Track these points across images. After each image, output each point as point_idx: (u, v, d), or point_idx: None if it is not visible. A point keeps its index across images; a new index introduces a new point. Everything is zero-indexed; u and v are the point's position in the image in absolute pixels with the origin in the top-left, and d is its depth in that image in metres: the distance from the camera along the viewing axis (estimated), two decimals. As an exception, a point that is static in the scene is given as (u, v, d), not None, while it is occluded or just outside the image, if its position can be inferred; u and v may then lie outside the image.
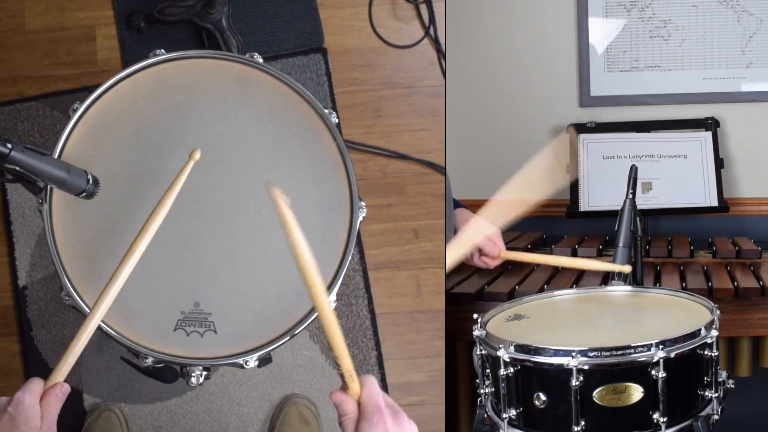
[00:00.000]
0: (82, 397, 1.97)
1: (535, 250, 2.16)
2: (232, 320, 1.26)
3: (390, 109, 2.14)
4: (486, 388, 1.36)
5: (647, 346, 1.19)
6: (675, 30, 2.40)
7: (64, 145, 1.28)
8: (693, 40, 2.39)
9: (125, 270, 1.16)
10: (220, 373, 2.00)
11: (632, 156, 2.33)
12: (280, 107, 1.35)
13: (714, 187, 2.28)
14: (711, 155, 2.32)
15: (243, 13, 2.11)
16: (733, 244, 2.11)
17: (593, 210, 2.30)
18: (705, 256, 2.06)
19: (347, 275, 1.37)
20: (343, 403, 1.01)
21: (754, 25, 2.36)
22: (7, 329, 2.03)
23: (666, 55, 2.41)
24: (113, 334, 1.24)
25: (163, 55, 1.34)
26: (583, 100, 2.46)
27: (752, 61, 2.37)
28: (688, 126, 2.39)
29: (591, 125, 2.41)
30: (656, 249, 2.08)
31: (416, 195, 2.11)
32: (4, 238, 2.05)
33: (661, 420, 1.20)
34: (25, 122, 2.10)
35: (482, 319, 1.37)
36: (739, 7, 2.36)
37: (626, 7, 2.41)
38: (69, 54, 2.13)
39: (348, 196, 1.33)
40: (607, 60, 2.44)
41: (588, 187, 2.33)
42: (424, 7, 2.17)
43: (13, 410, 1.02)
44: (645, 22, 2.41)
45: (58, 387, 1.07)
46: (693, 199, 2.28)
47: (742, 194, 2.40)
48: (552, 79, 2.48)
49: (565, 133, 2.42)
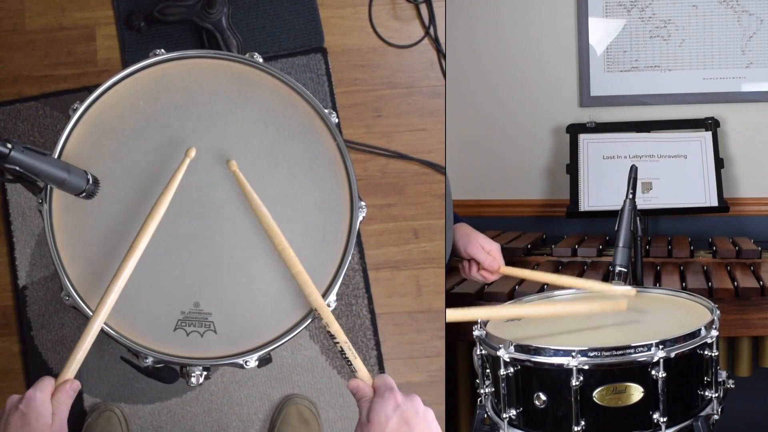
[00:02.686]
0: (82, 397, 1.97)
1: (535, 250, 2.17)
2: (232, 320, 1.26)
3: (390, 109, 2.14)
4: (486, 388, 1.36)
5: (647, 346, 1.19)
6: (675, 30, 2.40)
7: (64, 145, 1.28)
8: (693, 40, 2.39)
9: (128, 268, 1.17)
10: (220, 373, 2.00)
11: (632, 156, 2.34)
12: (280, 107, 1.35)
13: (714, 187, 2.28)
14: (711, 155, 2.32)
15: (243, 13, 2.11)
16: (733, 244, 2.11)
17: (593, 210, 2.30)
18: (705, 256, 2.06)
19: (347, 275, 1.37)
20: (359, 388, 1.11)
21: (754, 25, 2.36)
22: (7, 329, 2.03)
23: (666, 55, 2.41)
24: (113, 334, 1.24)
25: (163, 55, 1.34)
26: (583, 100, 2.46)
27: (752, 61, 2.37)
28: (688, 126, 2.39)
29: (591, 125, 2.41)
30: (656, 249, 2.08)
31: (416, 195, 2.11)
32: (4, 238, 2.05)
33: (661, 420, 1.20)
34: (25, 122, 2.10)
35: (482, 319, 1.37)
36: (739, 7, 2.36)
37: (626, 7, 2.41)
38: (69, 54, 2.13)
39: (348, 196, 1.33)
40: (607, 60, 2.45)
41: (588, 187, 2.33)
42: (424, 7, 2.17)
43: (24, 408, 1.02)
44: (645, 22, 2.41)
45: (68, 384, 1.08)
46: (693, 199, 2.28)
47: (742, 194, 2.40)
48: (552, 79, 2.48)
49: (565, 133, 2.43)
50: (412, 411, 1.05)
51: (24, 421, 1.01)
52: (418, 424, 1.04)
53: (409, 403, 1.06)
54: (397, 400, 1.05)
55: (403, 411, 1.04)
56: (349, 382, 1.13)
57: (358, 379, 1.13)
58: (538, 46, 2.48)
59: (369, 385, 1.12)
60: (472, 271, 1.63)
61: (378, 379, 1.11)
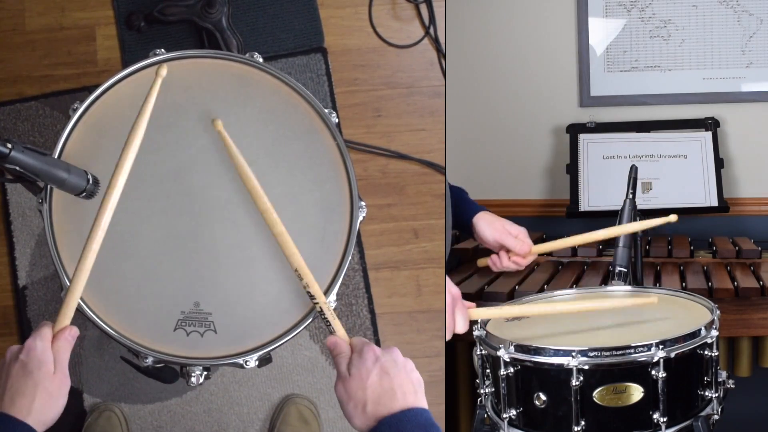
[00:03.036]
0: (82, 397, 1.97)
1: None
2: (232, 320, 1.26)
3: (390, 109, 2.14)
4: (486, 388, 1.36)
5: (647, 346, 1.19)
6: (675, 30, 2.40)
7: (64, 145, 1.28)
8: (693, 40, 2.39)
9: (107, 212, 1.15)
10: (220, 373, 2.00)
11: (632, 156, 2.34)
12: (280, 107, 1.35)
13: (714, 187, 2.28)
14: (711, 155, 2.32)
15: (243, 13, 2.11)
16: (733, 244, 2.11)
17: (593, 210, 2.31)
18: (705, 256, 2.06)
19: (347, 275, 1.37)
20: (337, 344, 1.13)
21: (754, 25, 2.36)
22: (7, 329, 2.03)
23: (666, 55, 2.41)
24: (113, 333, 1.24)
25: (163, 55, 1.34)
26: (583, 100, 2.46)
27: (752, 61, 2.37)
28: (688, 126, 2.39)
29: (591, 125, 2.41)
30: (656, 249, 2.08)
31: (416, 195, 2.11)
32: (4, 238, 2.05)
33: (661, 420, 1.20)
34: (25, 122, 2.10)
35: (482, 320, 1.37)
36: (739, 7, 2.36)
37: (626, 7, 2.41)
38: (69, 54, 2.13)
39: (348, 196, 1.33)
40: (607, 60, 2.45)
41: (588, 187, 2.33)
42: (424, 6, 2.17)
43: (25, 357, 1.02)
44: (645, 22, 2.41)
45: (66, 330, 1.08)
46: (693, 199, 2.28)
47: (742, 194, 2.40)
48: (552, 79, 2.48)
49: (565, 133, 2.43)
50: (391, 361, 1.07)
51: (25, 370, 1.01)
52: (398, 374, 1.06)
53: (388, 355, 1.08)
54: (375, 352, 1.08)
55: (382, 363, 1.06)
56: (327, 339, 1.15)
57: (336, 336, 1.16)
58: (538, 46, 2.48)
59: (346, 341, 1.14)
60: (503, 262, 1.59)
61: (355, 339, 1.14)
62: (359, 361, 1.07)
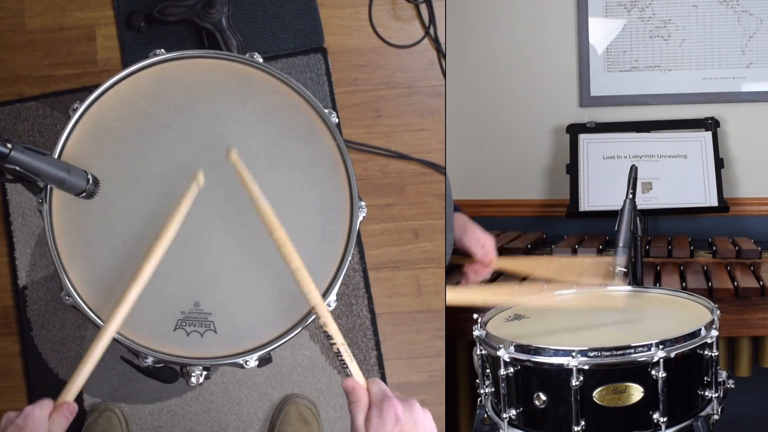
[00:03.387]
0: (82, 397, 1.97)
1: (534, 250, 2.16)
2: (232, 320, 1.26)
3: (390, 109, 2.14)
4: (486, 388, 1.36)
5: (647, 346, 1.19)
6: (675, 30, 2.40)
7: (64, 145, 1.28)
8: (693, 40, 2.39)
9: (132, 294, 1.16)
10: (220, 373, 2.00)
11: (632, 156, 2.33)
12: (280, 107, 1.35)
13: (714, 187, 2.28)
14: (711, 155, 2.32)
15: (243, 13, 2.11)
16: (733, 244, 2.11)
17: (593, 210, 2.30)
18: (705, 256, 2.06)
19: (347, 275, 1.37)
20: (355, 390, 1.06)
21: (754, 25, 2.36)
22: (7, 329, 2.03)
23: (666, 55, 2.41)
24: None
25: (163, 55, 1.34)
26: (583, 100, 2.46)
27: (752, 61, 2.37)
28: (688, 126, 2.39)
29: (591, 125, 2.41)
30: (656, 249, 2.08)
31: (416, 195, 2.11)
32: (4, 238, 2.05)
33: (661, 420, 1.20)
34: (25, 122, 2.10)
35: (482, 319, 1.37)
36: (739, 7, 2.36)
37: (626, 7, 2.41)
38: (69, 54, 2.13)
39: (348, 196, 1.33)
40: (607, 60, 2.44)
41: (588, 187, 2.33)
42: (424, 7, 2.17)
43: (21, 422, 1.02)
44: (645, 22, 2.41)
45: (65, 406, 1.08)
46: (693, 199, 2.28)
47: (742, 194, 2.40)
48: (552, 79, 2.48)
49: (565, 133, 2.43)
50: (411, 423, 1.03)
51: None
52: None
53: (409, 415, 1.03)
54: (396, 412, 1.02)
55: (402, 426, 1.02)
56: (344, 381, 1.09)
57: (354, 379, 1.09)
58: (538, 46, 2.48)
59: (364, 387, 1.08)
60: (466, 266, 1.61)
61: (373, 385, 1.08)
62: (379, 422, 1.03)
